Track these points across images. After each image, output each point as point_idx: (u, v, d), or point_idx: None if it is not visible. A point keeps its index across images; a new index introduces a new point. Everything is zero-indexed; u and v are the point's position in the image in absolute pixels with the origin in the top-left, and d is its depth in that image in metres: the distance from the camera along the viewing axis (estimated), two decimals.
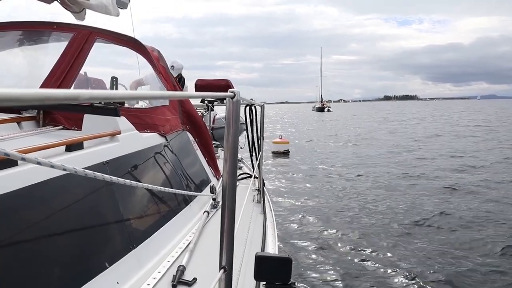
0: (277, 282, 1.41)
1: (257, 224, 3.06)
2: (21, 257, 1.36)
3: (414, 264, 5.16)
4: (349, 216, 7.26)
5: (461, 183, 9.89)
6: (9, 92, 0.40)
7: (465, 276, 4.71)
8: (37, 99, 0.42)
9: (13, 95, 0.40)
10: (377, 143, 20.08)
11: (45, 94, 0.43)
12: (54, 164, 0.99)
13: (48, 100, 0.44)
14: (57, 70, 2.57)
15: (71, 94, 0.48)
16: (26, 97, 0.41)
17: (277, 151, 16.65)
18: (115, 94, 0.70)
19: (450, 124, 32.69)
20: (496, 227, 6.51)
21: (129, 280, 1.80)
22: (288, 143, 17.50)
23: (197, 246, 2.36)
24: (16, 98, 0.40)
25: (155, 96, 1.70)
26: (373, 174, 11.48)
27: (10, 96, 0.40)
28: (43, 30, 2.99)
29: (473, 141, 19.32)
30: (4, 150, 0.81)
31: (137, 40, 3.09)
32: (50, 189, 1.57)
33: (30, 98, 0.42)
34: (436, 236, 6.18)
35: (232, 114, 1.21)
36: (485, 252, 5.45)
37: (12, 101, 0.40)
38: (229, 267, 1.24)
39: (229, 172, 1.24)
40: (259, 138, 4.19)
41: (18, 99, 0.41)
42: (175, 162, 2.99)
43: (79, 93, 0.49)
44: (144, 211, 2.29)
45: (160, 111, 3.06)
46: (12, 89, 0.40)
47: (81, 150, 1.89)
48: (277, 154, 16.41)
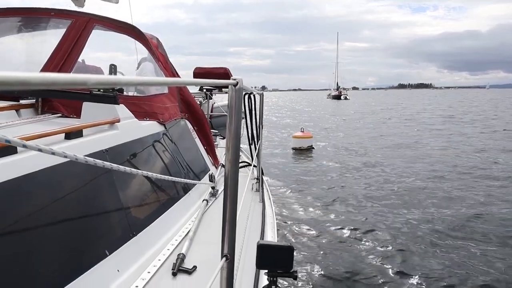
0: (279, 270, 1.42)
1: (256, 212, 3.07)
2: (21, 245, 1.36)
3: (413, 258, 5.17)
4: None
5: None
6: (16, 75, 0.39)
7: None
8: (46, 83, 0.42)
9: (21, 79, 0.39)
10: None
11: (53, 79, 0.42)
12: (55, 151, 0.98)
13: (56, 84, 0.43)
14: (55, 57, 2.55)
15: (79, 79, 0.47)
16: (35, 81, 0.40)
17: (299, 147, 13.64)
18: (122, 80, 0.69)
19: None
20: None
21: (129, 267, 1.81)
22: (312, 137, 14.36)
23: (197, 234, 2.37)
24: (24, 81, 0.39)
25: (159, 83, 1.69)
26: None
27: (17, 80, 0.39)
28: (41, 16, 2.96)
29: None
30: (5, 137, 0.80)
31: (136, 28, 3.06)
32: (49, 177, 1.56)
33: (39, 82, 0.41)
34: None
35: (234, 102, 1.20)
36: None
37: (19, 85, 0.39)
38: (231, 255, 1.25)
39: (231, 161, 1.23)
40: (258, 127, 4.19)
41: (26, 83, 0.40)
42: (174, 151, 2.98)
43: (87, 78, 0.48)
44: (144, 199, 2.29)
45: (159, 99, 3.05)
46: (19, 73, 0.39)
47: (81, 138, 1.88)
48: (299, 151, 13.48)
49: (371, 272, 4.71)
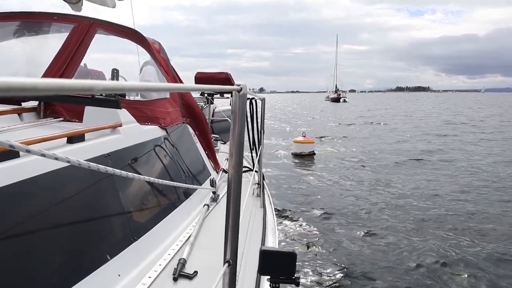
0: (282, 277, 1.41)
1: (257, 218, 3.07)
2: (23, 249, 1.35)
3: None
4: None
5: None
6: (23, 81, 0.39)
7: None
8: (53, 89, 0.41)
9: (29, 85, 0.38)
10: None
11: (60, 84, 0.42)
12: (58, 156, 0.98)
13: (63, 90, 0.43)
14: (58, 61, 2.56)
15: (86, 85, 0.47)
16: (42, 86, 0.40)
17: (300, 153, 13.14)
18: (127, 85, 0.69)
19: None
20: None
21: (130, 272, 1.80)
22: (314, 143, 13.83)
23: (198, 239, 2.36)
24: (31, 87, 0.39)
25: (164, 88, 1.69)
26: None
27: (24, 86, 0.39)
28: (43, 20, 2.97)
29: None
30: (9, 141, 0.80)
31: (138, 32, 3.07)
32: (51, 181, 1.56)
33: (46, 88, 0.41)
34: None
35: (238, 108, 1.19)
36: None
37: (26, 91, 0.39)
38: (233, 261, 1.24)
39: (235, 167, 1.23)
40: (259, 132, 4.19)
41: (33, 89, 0.40)
42: (176, 155, 2.98)
43: (93, 84, 0.48)
44: (145, 203, 2.28)
45: (161, 104, 3.05)
46: (27, 79, 0.39)
47: (83, 142, 1.88)
48: (300, 157, 12.98)
49: (373, 280, 4.69)
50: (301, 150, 13.22)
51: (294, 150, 13.42)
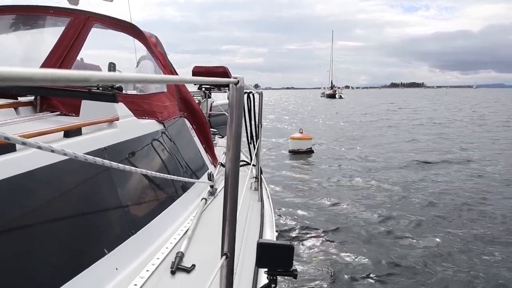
0: (279, 269, 1.42)
1: (255, 211, 3.07)
2: (20, 243, 1.35)
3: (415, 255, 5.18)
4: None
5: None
6: (19, 71, 0.38)
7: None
8: (48, 79, 0.41)
9: (26, 75, 0.38)
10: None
11: (56, 75, 0.42)
12: (55, 149, 0.98)
13: (59, 81, 0.43)
14: (54, 55, 2.54)
15: (82, 75, 0.47)
16: (37, 76, 0.40)
17: (297, 150, 12.61)
18: (124, 77, 0.69)
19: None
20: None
21: (128, 266, 1.81)
22: (312, 139, 13.29)
23: (196, 233, 2.37)
24: (27, 77, 0.39)
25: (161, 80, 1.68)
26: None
27: (20, 75, 0.39)
28: (39, 14, 2.95)
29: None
30: (4, 134, 0.79)
31: (135, 26, 3.05)
32: (48, 175, 1.56)
33: (41, 78, 0.41)
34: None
35: (235, 101, 1.19)
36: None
37: (22, 81, 0.39)
38: (231, 254, 1.25)
39: (232, 160, 1.23)
40: (257, 126, 4.18)
41: (29, 79, 0.39)
42: (173, 149, 2.98)
43: (90, 74, 0.48)
44: (143, 197, 2.28)
45: (158, 98, 3.04)
46: (23, 68, 0.39)
47: (79, 136, 1.88)
48: (297, 154, 12.45)
49: (370, 272, 4.72)
50: (299, 146, 12.76)
51: (291, 147, 12.92)
